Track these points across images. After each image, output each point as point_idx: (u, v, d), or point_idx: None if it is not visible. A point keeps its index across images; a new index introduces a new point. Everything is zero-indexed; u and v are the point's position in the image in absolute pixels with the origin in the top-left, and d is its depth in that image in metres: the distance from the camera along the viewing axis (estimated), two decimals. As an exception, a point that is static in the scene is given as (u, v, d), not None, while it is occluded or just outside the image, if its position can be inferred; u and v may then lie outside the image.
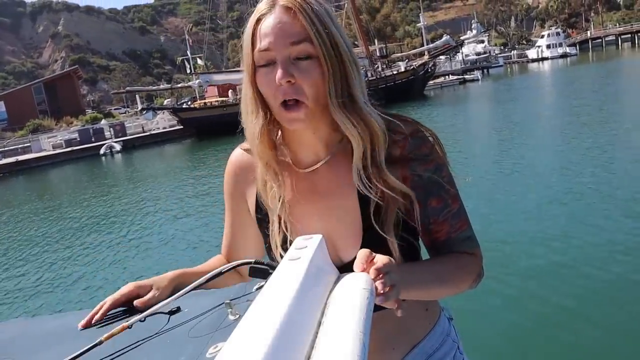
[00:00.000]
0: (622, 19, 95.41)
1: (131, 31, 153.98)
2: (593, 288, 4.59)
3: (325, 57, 0.94)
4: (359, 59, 1.01)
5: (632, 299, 4.27)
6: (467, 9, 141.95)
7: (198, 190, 13.44)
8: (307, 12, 0.93)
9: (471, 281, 1.07)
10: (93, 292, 6.41)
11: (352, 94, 0.97)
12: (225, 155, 1.17)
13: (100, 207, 13.36)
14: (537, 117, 17.86)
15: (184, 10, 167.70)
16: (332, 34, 0.95)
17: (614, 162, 9.24)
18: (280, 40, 0.93)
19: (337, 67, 0.95)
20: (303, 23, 0.93)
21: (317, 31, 0.93)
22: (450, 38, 50.52)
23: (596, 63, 49.47)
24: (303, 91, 0.94)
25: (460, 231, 1.07)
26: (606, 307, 4.25)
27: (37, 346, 0.89)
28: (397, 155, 1.02)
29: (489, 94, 34.04)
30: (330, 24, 0.96)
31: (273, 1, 0.96)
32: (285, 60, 0.94)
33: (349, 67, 0.96)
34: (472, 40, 71.01)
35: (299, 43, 0.93)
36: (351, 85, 0.97)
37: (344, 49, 0.96)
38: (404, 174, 1.02)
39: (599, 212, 6.56)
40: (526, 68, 60.70)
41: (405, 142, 1.02)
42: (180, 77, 69.47)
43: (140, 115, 38.62)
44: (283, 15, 0.94)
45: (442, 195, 1.04)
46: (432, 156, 1.04)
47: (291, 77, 0.93)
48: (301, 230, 1.02)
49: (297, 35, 0.93)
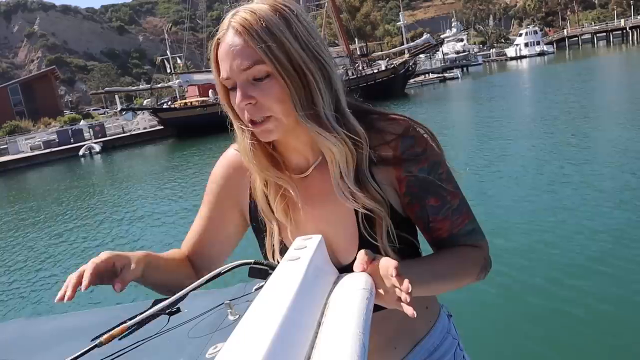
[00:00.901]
0: (598, 17, 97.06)
1: (109, 31, 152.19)
2: (591, 281, 4.58)
3: (282, 75, 0.91)
4: (339, 57, 1.00)
5: (631, 293, 4.26)
6: (446, 7, 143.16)
7: (179, 190, 13.35)
8: (257, 32, 0.90)
9: (476, 274, 1.05)
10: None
11: (317, 107, 0.94)
12: (206, 154, 1.18)
13: (79, 209, 13.21)
14: (516, 114, 18.11)
15: (163, 10, 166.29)
16: (287, 49, 0.91)
17: (591, 155, 9.54)
18: (234, 67, 0.92)
19: (297, 82, 0.92)
20: (252, 44, 0.90)
21: (269, 50, 0.90)
22: (431, 37, 50.85)
23: (573, 61, 50.20)
24: (267, 109, 0.94)
25: (462, 226, 1.04)
26: (605, 298, 4.23)
27: (37, 347, 0.88)
28: (389, 157, 1.00)
29: (469, 91, 34.34)
30: (286, 37, 0.91)
31: (228, 24, 0.94)
32: (243, 84, 0.93)
33: (312, 79, 0.93)
34: (451, 39, 71.63)
35: (252, 67, 0.91)
36: (314, 97, 0.93)
37: (305, 60, 0.92)
38: (399, 175, 1.01)
39: (588, 203, 6.69)
40: (505, 66, 61.37)
41: (397, 142, 0.99)
42: (159, 77, 68.80)
43: (119, 116, 38.19)
44: (234, 38, 0.92)
45: (440, 193, 1.02)
46: (427, 154, 1.00)
47: (250, 99, 0.93)
48: (297, 235, 1.00)
49: (248, 59, 0.91)
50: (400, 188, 1.01)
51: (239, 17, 0.93)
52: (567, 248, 5.38)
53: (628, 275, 4.60)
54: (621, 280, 4.53)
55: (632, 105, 15.40)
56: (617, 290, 4.39)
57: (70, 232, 10.57)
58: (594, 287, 4.48)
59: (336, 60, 5.22)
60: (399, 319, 0.92)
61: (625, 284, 4.47)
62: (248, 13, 0.92)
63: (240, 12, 0.93)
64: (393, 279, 0.78)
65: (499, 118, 17.39)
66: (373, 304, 0.73)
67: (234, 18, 0.93)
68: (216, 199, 1.17)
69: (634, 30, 76.02)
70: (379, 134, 1.00)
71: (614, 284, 4.50)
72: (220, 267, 0.93)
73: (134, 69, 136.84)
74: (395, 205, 1.03)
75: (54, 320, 0.99)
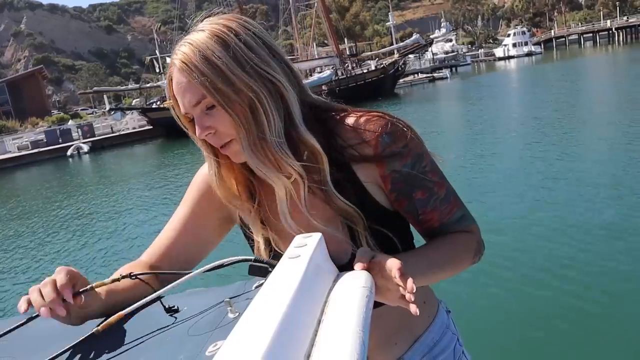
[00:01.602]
0: (584, 18, 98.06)
1: (97, 30, 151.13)
2: (590, 275, 4.61)
3: (224, 106, 0.92)
4: (328, 57, 1.02)
5: (631, 290, 4.27)
6: (435, 8, 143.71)
7: (168, 191, 13.31)
8: (195, 67, 0.91)
9: (471, 258, 1.06)
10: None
11: (264, 138, 0.93)
12: (196, 155, 1.20)
13: (67, 209, 13.12)
14: (505, 113, 18.27)
15: (152, 9, 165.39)
16: (227, 76, 0.90)
17: (579, 151, 9.81)
18: (187, 103, 0.94)
19: (242, 108, 0.92)
20: (193, 81, 0.91)
21: (210, 83, 0.90)
22: (420, 37, 51.07)
23: (560, 61, 50.69)
24: (226, 135, 0.95)
25: (452, 214, 1.05)
26: (605, 293, 4.28)
27: (36, 345, 0.89)
28: (369, 155, 0.99)
29: (458, 91, 34.55)
30: (225, 63, 0.90)
31: (172, 61, 0.95)
32: (198, 116, 0.95)
33: (258, 109, 0.92)
34: (440, 39, 71.95)
35: (200, 102, 0.93)
36: (262, 128, 0.93)
37: (247, 82, 0.91)
38: (382, 173, 1.00)
39: (581, 198, 6.83)
40: (493, 66, 61.79)
41: (377, 140, 0.98)
42: (148, 76, 68.49)
43: (108, 115, 37.96)
44: (179, 76, 0.94)
45: (426, 186, 1.02)
46: (408, 148, 1.00)
47: (208, 129, 0.95)
48: (286, 243, 0.96)
49: (195, 96, 0.93)
50: (386, 186, 1.02)
51: (180, 52, 0.93)
52: (563, 242, 5.43)
53: (623, 268, 4.64)
54: (616, 274, 4.57)
55: (618, 104, 15.67)
56: (614, 283, 4.42)
57: (58, 232, 10.52)
58: (592, 281, 4.51)
59: (325, 60, 5.30)
60: (398, 315, 0.94)
61: (620, 277, 4.51)
62: (187, 46, 0.93)
63: (182, 47, 0.94)
64: (397, 279, 0.78)
65: (488, 117, 17.57)
66: (373, 302, 0.74)
67: (177, 54, 0.94)
68: (197, 205, 1.16)
69: (619, 31, 76.93)
70: (356, 133, 0.99)
71: (611, 277, 4.53)
72: (223, 260, 0.93)
73: (123, 68, 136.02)
74: (382, 202, 1.04)
75: (52, 319, 0.98)
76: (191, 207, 1.16)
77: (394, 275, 0.79)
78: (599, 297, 4.22)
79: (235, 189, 1.06)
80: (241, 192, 1.07)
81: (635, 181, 7.25)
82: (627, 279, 4.48)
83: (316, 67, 39.95)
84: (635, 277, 4.49)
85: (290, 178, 0.97)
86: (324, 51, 48.76)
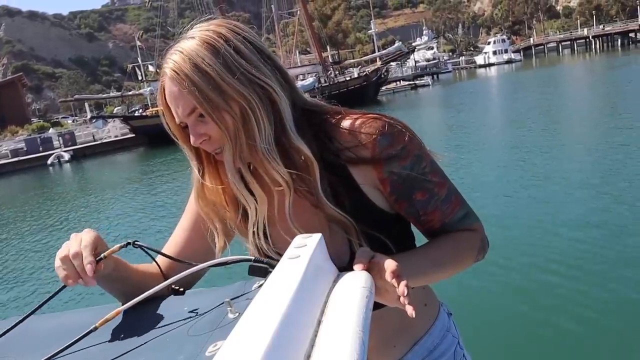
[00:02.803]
0: (562, 26, 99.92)
1: (78, 37, 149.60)
2: (593, 275, 4.64)
3: (213, 117, 0.92)
4: (311, 65, 1.05)
5: (633, 291, 4.29)
6: (416, 16, 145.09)
7: (150, 200, 13.20)
8: (186, 76, 0.90)
9: (474, 256, 1.05)
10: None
11: (255, 140, 0.93)
12: (179, 163, 1.23)
13: (45, 218, 12.94)
14: (486, 119, 18.58)
15: (133, 17, 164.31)
16: (218, 84, 0.90)
17: (560, 154, 10.23)
18: (180, 112, 0.94)
19: (229, 124, 0.92)
20: (183, 92, 0.91)
21: (200, 94, 0.90)
22: (402, 44, 51.55)
23: (539, 68, 51.51)
24: (219, 142, 0.96)
25: (454, 214, 1.04)
26: (608, 294, 4.28)
27: (36, 344, 0.89)
28: (367, 157, 0.97)
29: (440, 98, 34.90)
30: (216, 71, 0.90)
31: (163, 70, 0.95)
32: (192, 124, 0.95)
33: (248, 108, 0.92)
34: (422, 47, 72.66)
35: (192, 112, 0.93)
36: (251, 128, 0.93)
37: (238, 89, 0.91)
38: (380, 176, 0.99)
39: (572, 200, 7.00)
40: (474, 73, 62.56)
41: (374, 142, 0.97)
42: (130, 84, 67.98)
43: (89, 123, 37.60)
44: (171, 85, 0.94)
45: (426, 187, 1.01)
46: (407, 149, 0.98)
47: (203, 136, 0.95)
48: (283, 247, 0.96)
49: (188, 105, 0.93)
50: (385, 188, 1.00)
51: (170, 62, 0.93)
52: (563, 243, 5.47)
53: (625, 269, 4.67)
54: (617, 274, 4.59)
55: (596, 110, 16.11)
56: (617, 283, 4.42)
57: (36, 242, 10.36)
58: (595, 282, 4.50)
59: (308, 68, 5.38)
60: (398, 317, 0.93)
61: (622, 278, 4.52)
62: (177, 55, 0.93)
63: (172, 55, 0.93)
64: (393, 280, 0.78)
65: (469, 123, 17.83)
66: (373, 302, 0.74)
67: (168, 63, 0.94)
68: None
69: (596, 39, 78.45)
70: (353, 135, 0.98)
71: (612, 278, 4.54)
72: (227, 257, 0.93)
73: (104, 76, 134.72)
74: (381, 204, 1.02)
75: (54, 318, 1.01)
76: (194, 213, 1.15)
77: (387, 278, 0.78)
78: (603, 298, 4.20)
79: (222, 199, 1.06)
80: (228, 201, 1.06)
81: (622, 180, 7.47)
82: (629, 279, 4.49)
83: (299, 75, 40.08)
84: (637, 278, 4.50)
85: (278, 187, 0.97)
86: (306, 59, 48.91)
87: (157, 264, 1.07)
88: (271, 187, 0.99)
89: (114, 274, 1.00)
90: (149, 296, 0.91)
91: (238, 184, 0.97)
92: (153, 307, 0.96)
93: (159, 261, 1.09)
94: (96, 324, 0.84)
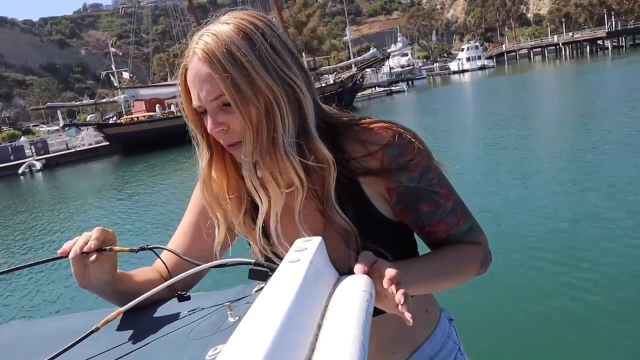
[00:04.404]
0: (533, 34, 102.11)
1: (49, 44, 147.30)
2: (594, 280, 4.60)
3: (239, 108, 0.89)
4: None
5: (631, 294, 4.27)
6: (391, 23, 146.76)
7: (125, 208, 13.02)
8: (219, 61, 0.88)
9: (477, 269, 1.04)
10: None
11: (277, 134, 0.91)
12: (156, 170, 1.20)
13: (14, 229, 12.67)
14: (462, 123, 18.91)
15: (106, 24, 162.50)
16: (250, 75, 0.88)
17: (531, 155, 10.56)
18: (202, 95, 0.91)
19: (254, 116, 0.90)
20: (214, 75, 0.88)
21: (231, 81, 0.88)
22: (377, 51, 52.01)
23: (512, 75, 52.42)
24: (237, 134, 0.93)
25: (459, 226, 1.03)
26: (609, 298, 4.25)
27: (36, 348, 0.89)
28: (375, 168, 0.97)
29: (415, 104, 35.30)
30: (249, 61, 0.88)
31: (193, 50, 0.92)
32: (212, 111, 0.92)
33: (275, 104, 0.90)
34: (397, 53, 73.48)
35: (218, 98, 0.90)
36: (276, 124, 0.91)
37: (269, 84, 0.89)
38: (388, 186, 0.98)
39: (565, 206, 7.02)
40: (448, 80, 63.39)
41: (383, 153, 0.96)
42: (104, 92, 67.06)
43: (62, 131, 36.95)
44: (200, 67, 0.90)
45: (432, 198, 1.00)
46: (415, 161, 0.97)
47: (221, 125, 0.92)
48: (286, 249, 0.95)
49: (215, 90, 0.89)
50: (391, 198, 1.00)
51: (202, 43, 0.90)
52: (563, 245, 5.46)
53: (627, 271, 4.66)
54: (621, 278, 4.56)
55: (566, 113, 16.64)
56: (619, 287, 4.39)
57: (4, 254, 10.14)
58: (596, 287, 4.46)
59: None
60: (398, 323, 0.91)
61: (625, 279, 4.50)
62: (211, 37, 0.90)
63: (204, 37, 0.91)
64: (391, 288, 0.77)
65: (446, 127, 18.13)
66: (373, 306, 0.74)
67: (198, 44, 0.91)
68: (200, 209, 1.13)
69: (566, 46, 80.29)
70: (362, 146, 0.97)
71: (615, 280, 4.51)
72: (227, 259, 0.93)
73: (77, 83, 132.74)
74: (387, 213, 1.02)
75: (53, 322, 1.01)
76: (196, 213, 1.14)
77: (384, 285, 0.77)
78: (604, 304, 4.17)
79: (225, 191, 1.04)
80: (230, 195, 1.04)
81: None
82: (631, 282, 4.46)
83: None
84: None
85: (289, 188, 0.95)
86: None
87: (166, 267, 1.07)
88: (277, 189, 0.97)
89: (112, 285, 1.00)
90: (149, 296, 0.91)
91: (254, 178, 0.94)
92: (154, 310, 0.96)
93: (163, 264, 1.09)
94: (98, 324, 0.84)
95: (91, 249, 0.94)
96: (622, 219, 5.97)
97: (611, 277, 4.62)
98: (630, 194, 6.87)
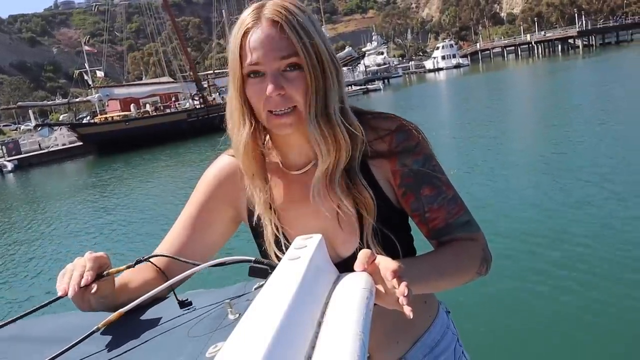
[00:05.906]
0: (506, 32, 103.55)
1: (19, 42, 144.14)
2: (590, 275, 4.65)
3: (310, 70, 0.96)
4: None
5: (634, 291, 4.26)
6: (366, 21, 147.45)
7: (99, 209, 12.82)
8: (293, 24, 0.94)
9: (477, 267, 1.06)
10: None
11: (328, 107, 0.98)
12: (131, 170, 1.19)
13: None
14: (437, 121, 19.04)
15: (78, 21, 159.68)
16: (316, 45, 0.96)
17: (508, 153, 10.73)
18: (270, 54, 0.95)
19: (319, 79, 0.97)
20: (290, 36, 0.94)
21: (304, 44, 0.94)
22: (353, 50, 52.16)
23: (486, 73, 53.21)
24: (294, 100, 0.97)
25: (458, 216, 1.07)
26: (605, 293, 4.26)
27: (36, 348, 0.88)
28: (384, 151, 1.05)
29: (391, 102, 35.51)
30: (315, 34, 0.97)
31: (258, 14, 0.96)
32: (274, 73, 0.95)
33: (330, 79, 0.98)
34: (372, 52, 73.81)
35: (288, 57, 0.95)
36: (329, 97, 0.98)
37: (327, 58, 0.98)
38: (393, 167, 1.05)
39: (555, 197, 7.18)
40: (424, 78, 64.00)
41: (392, 137, 1.05)
42: (77, 91, 65.84)
43: (34, 132, 36.19)
44: (270, 28, 0.95)
45: (434, 183, 1.05)
46: (420, 147, 1.05)
47: (281, 89, 0.95)
48: (297, 231, 1.00)
49: (285, 50, 0.94)
50: (395, 180, 1.05)
51: (272, 9, 0.96)
52: (560, 243, 5.47)
53: (624, 270, 4.66)
54: (617, 275, 4.58)
55: (540, 109, 17.04)
56: (615, 283, 4.41)
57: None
58: (592, 281, 4.50)
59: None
60: (399, 313, 0.95)
61: (622, 278, 4.50)
62: (280, 7, 0.96)
63: (272, 5, 0.96)
64: (393, 280, 0.78)
65: (422, 124, 18.12)
66: (373, 303, 0.74)
67: (266, 10, 0.96)
68: (204, 206, 1.15)
69: (538, 45, 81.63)
70: (373, 131, 1.05)
71: (611, 278, 4.51)
72: (226, 258, 0.94)
73: (48, 82, 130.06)
74: (392, 198, 1.07)
75: (52, 321, 1.00)
76: (201, 204, 1.16)
77: (387, 278, 0.78)
78: (599, 298, 4.21)
79: (255, 167, 1.07)
80: (257, 171, 1.07)
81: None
82: (628, 278, 4.47)
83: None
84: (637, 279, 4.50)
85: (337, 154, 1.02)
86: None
87: (165, 276, 1.05)
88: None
89: (112, 301, 0.99)
90: (149, 297, 0.93)
91: (319, 136, 0.98)
92: (154, 308, 0.96)
93: (156, 262, 1.07)
94: (98, 324, 0.85)
95: (89, 281, 0.93)
96: (597, 205, 6.33)
97: (614, 278, 4.56)
98: (606, 181, 7.27)
